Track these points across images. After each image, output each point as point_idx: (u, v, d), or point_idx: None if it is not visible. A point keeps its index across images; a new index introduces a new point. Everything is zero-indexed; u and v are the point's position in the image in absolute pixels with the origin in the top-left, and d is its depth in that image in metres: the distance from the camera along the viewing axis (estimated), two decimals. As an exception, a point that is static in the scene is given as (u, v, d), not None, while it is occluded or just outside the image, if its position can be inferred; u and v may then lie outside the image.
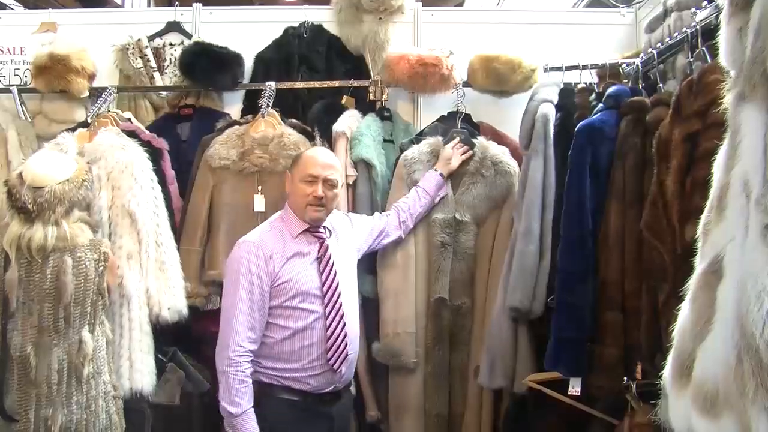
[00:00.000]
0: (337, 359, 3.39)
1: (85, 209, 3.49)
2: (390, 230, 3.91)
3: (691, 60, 3.02)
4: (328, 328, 3.38)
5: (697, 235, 2.05)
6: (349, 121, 4.31)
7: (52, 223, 3.25)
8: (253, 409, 3.26)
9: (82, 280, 3.27)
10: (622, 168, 3.23)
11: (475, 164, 4.05)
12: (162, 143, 4.15)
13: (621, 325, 3.19)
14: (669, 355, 2.06)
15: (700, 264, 1.98)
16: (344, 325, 3.42)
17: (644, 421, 2.80)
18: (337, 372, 3.41)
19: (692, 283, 1.98)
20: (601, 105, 3.43)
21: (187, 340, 4.08)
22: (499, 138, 4.31)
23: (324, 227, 3.53)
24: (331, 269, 3.44)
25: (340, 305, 3.42)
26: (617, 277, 3.20)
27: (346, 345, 3.42)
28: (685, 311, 1.99)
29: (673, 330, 2.07)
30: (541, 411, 3.53)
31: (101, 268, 3.36)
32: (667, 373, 2.05)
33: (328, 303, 3.40)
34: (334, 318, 3.39)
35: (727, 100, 1.91)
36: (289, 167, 3.58)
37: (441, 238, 3.96)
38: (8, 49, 4.88)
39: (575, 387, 3.30)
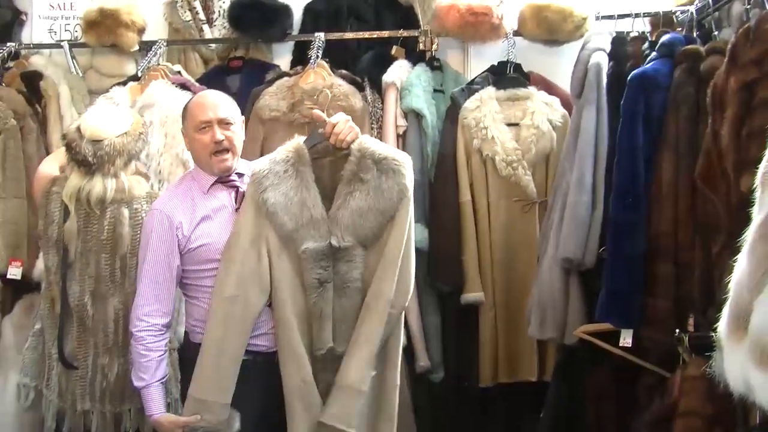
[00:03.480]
0: None
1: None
2: None
3: (748, 7, 2.96)
4: None
5: (754, 185, 2.02)
6: (398, 72, 4.30)
7: (112, 176, 3.29)
8: (160, 383, 3.04)
9: (139, 232, 3.31)
10: (675, 118, 3.18)
11: (351, 167, 3.01)
12: (212, 95, 4.18)
13: (673, 277, 3.16)
14: (724, 308, 2.04)
15: (758, 214, 1.95)
16: None
17: (696, 374, 2.78)
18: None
19: (750, 234, 1.95)
20: (654, 54, 3.38)
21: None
22: (549, 88, 4.28)
23: (237, 174, 3.17)
24: None
25: None
26: (670, 229, 3.17)
27: None
28: (742, 263, 1.96)
29: (727, 282, 2.06)
30: (592, 363, 3.53)
31: (157, 220, 3.41)
32: (722, 325, 2.03)
33: None
34: None
35: (787, 47, 1.87)
36: (182, 125, 3.21)
37: (317, 275, 2.99)
38: (59, 4, 4.93)
39: (626, 339, 3.29)
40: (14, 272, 4.18)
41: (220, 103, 3.13)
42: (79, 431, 3.38)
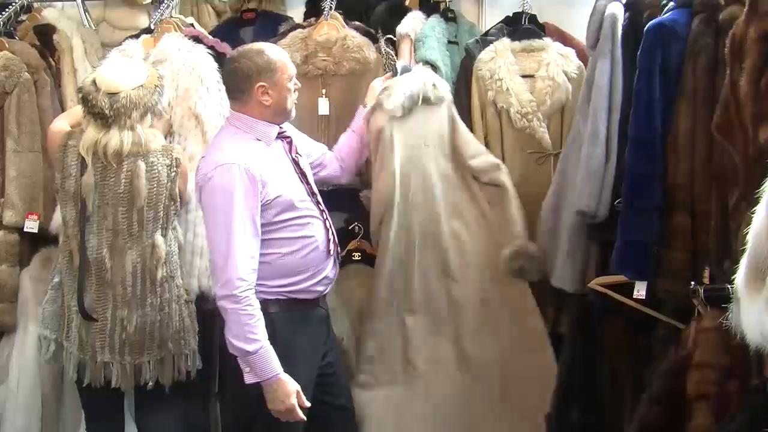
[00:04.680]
0: (336, 251, 3.37)
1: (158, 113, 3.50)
2: (326, 162, 3.64)
3: (769, -45, 2.92)
4: (325, 222, 3.32)
5: (773, 137, 2.02)
6: (412, 23, 4.25)
7: (128, 128, 3.30)
8: (269, 342, 3.05)
9: (155, 185, 3.33)
10: (693, 68, 3.16)
11: None
12: (226, 48, 4.14)
13: (689, 229, 3.17)
14: (742, 259, 2.04)
15: (777, 166, 1.95)
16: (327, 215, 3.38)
17: (711, 326, 2.80)
18: (335, 266, 3.37)
19: (768, 186, 1.96)
20: (671, 3, 3.34)
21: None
22: (565, 39, 4.23)
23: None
24: (304, 166, 3.34)
25: (319, 197, 3.36)
26: (686, 180, 3.16)
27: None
28: (760, 214, 1.97)
29: (744, 233, 2.06)
30: (607, 315, 3.54)
31: (173, 174, 3.41)
32: (739, 276, 2.04)
33: (318, 201, 3.33)
34: (323, 211, 3.33)
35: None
36: (261, 79, 3.16)
37: None
38: (70, -44, 4.90)
39: (641, 291, 3.30)
40: (31, 225, 4.20)
41: None
42: (100, 382, 3.43)
